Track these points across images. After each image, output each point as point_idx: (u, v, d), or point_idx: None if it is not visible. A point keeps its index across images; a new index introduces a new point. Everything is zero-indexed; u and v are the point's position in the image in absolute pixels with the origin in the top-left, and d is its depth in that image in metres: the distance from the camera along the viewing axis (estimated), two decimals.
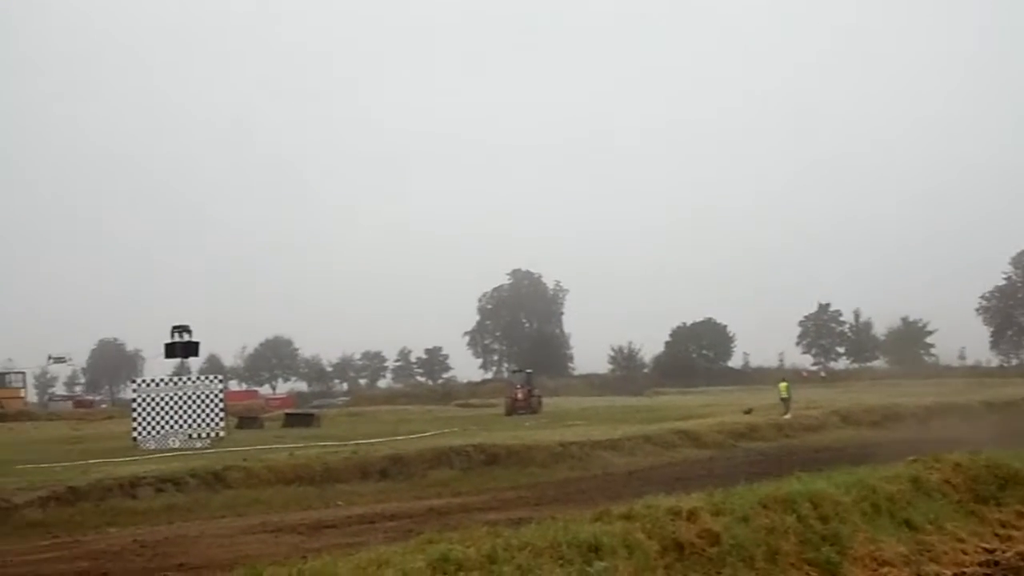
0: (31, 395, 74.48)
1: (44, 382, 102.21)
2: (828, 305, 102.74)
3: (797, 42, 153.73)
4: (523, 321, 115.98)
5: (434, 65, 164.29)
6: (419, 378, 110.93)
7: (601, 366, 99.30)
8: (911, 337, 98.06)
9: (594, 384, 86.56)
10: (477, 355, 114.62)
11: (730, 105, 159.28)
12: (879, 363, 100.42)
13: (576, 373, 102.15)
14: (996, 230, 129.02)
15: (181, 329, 32.33)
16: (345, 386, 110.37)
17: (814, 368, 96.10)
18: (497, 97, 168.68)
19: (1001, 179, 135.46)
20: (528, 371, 56.05)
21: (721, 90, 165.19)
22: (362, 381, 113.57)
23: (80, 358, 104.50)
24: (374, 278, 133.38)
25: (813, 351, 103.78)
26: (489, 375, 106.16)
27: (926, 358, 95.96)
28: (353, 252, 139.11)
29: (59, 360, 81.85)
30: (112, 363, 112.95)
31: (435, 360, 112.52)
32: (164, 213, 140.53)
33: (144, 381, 32.35)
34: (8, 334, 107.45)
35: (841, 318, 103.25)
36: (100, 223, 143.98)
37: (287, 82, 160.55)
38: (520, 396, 48.97)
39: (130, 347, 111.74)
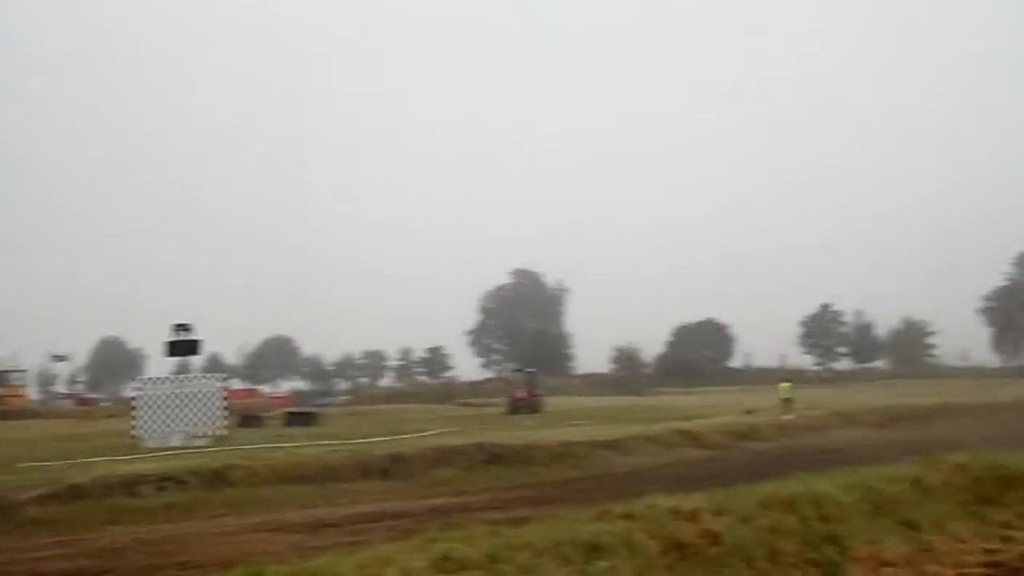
0: (33, 393, 74.17)
1: (46, 380, 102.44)
2: (830, 306, 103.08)
3: (801, 34, 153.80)
4: (524, 321, 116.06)
5: (433, 67, 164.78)
6: (420, 377, 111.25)
7: (603, 366, 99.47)
8: (913, 338, 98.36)
9: (595, 384, 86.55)
10: (478, 354, 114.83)
11: (730, 106, 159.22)
12: (881, 364, 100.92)
13: (577, 372, 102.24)
14: (997, 230, 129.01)
15: (182, 327, 32.24)
16: (346, 385, 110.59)
17: (816, 368, 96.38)
18: (500, 99, 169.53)
19: (1002, 178, 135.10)
20: (530, 370, 55.70)
21: (720, 90, 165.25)
22: (363, 380, 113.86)
23: (82, 357, 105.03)
24: (375, 277, 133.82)
25: (814, 352, 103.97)
26: (490, 374, 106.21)
27: (928, 359, 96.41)
28: (354, 252, 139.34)
29: (60, 358, 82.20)
30: (114, 361, 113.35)
31: (436, 359, 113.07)
32: (165, 211, 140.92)
33: (145, 379, 32.29)
34: (10, 332, 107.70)
35: (842, 319, 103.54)
36: (103, 222, 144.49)
37: (286, 83, 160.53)
38: (521, 395, 48.83)
39: (131, 345, 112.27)
